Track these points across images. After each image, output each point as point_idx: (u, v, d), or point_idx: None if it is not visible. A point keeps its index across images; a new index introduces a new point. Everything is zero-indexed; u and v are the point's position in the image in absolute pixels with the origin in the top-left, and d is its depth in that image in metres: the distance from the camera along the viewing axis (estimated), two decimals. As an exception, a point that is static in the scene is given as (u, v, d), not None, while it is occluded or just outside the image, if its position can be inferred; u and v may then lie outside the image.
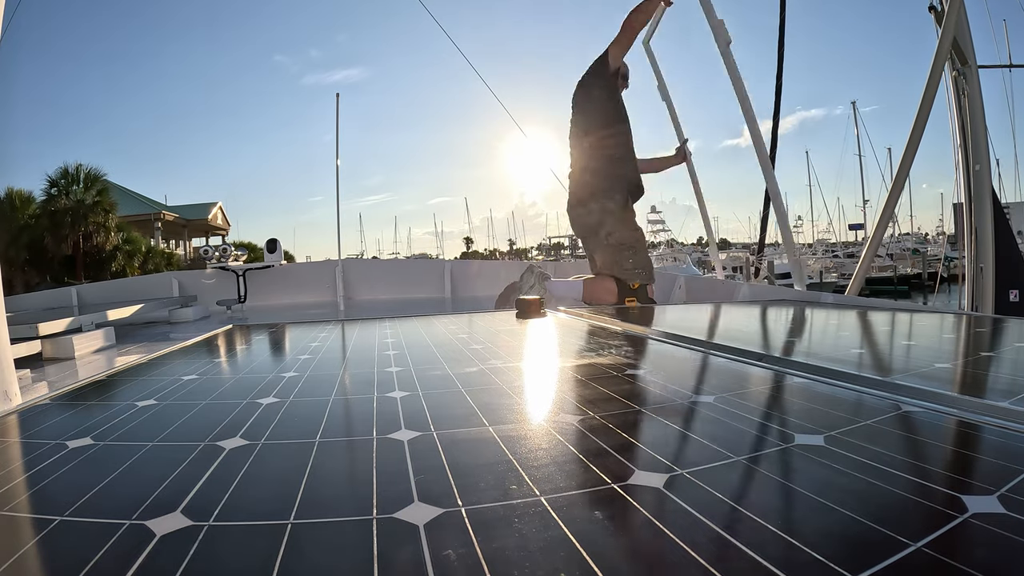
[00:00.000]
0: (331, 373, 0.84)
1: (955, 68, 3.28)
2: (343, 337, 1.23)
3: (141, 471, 0.42)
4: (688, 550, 0.28)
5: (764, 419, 0.51)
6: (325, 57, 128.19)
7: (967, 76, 3.25)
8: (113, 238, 14.25)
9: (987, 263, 3.27)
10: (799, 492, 0.36)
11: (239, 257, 4.56)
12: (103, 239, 14.01)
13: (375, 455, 0.44)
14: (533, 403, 0.61)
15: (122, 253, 14.53)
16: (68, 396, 0.70)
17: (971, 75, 3.24)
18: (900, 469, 0.38)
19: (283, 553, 0.29)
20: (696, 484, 0.36)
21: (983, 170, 3.27)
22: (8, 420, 0.59)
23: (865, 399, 0.56)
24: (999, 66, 8.73)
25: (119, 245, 14.45)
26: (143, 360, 0.98)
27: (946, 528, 0.29)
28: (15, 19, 3.28)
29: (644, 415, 0.54)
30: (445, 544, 0.29)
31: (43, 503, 0.37)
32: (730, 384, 0.65)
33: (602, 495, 0.35)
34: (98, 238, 13.94)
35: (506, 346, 1.01)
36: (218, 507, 0.35)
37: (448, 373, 0.77)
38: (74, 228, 13.54)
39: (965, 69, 3.24)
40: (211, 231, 22.19)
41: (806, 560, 0.27)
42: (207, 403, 0.62)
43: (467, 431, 0.49)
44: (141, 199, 19.67)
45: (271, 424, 0.53)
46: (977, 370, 0.75)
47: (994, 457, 0.41)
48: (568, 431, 0.48)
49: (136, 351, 2.39)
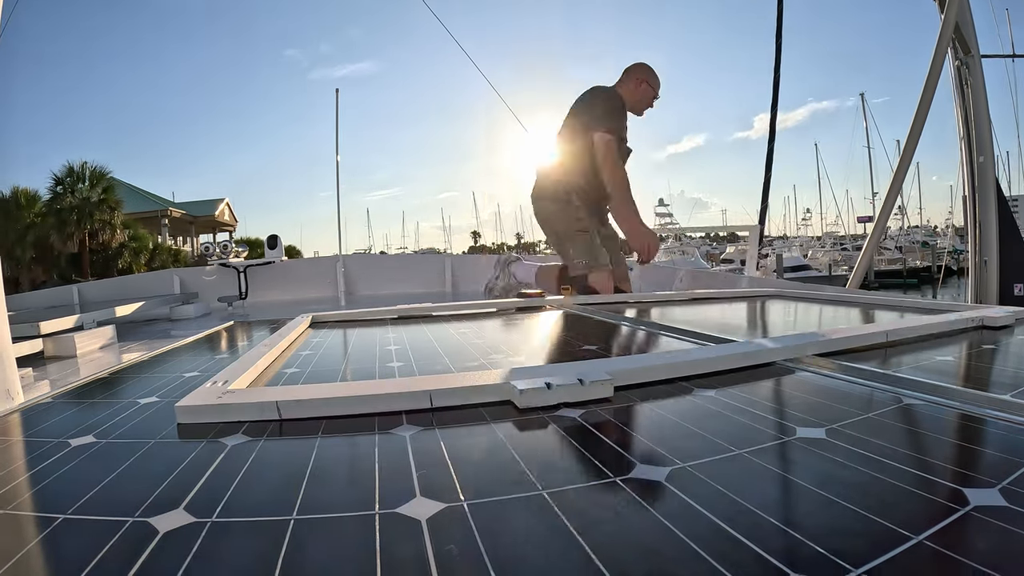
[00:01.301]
0: (333, 368, 0.84)
1: (958, 57, 3.25)
2: (344, 333, 1.23)
3: (143, 469, 0.43)
4: (690, 542, 0.28)
5: (765, 412, 0.51)
6: (335, 51, 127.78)
7: (970, 66, 3.22)
8: (119, 235, 14.31)
9: (991, 256, 3.25)
10: (801, 485, 0.36)
11: (240, 254, 4.57)
12: (109, 236, 14.07)
13: (376, 449, 0.44)
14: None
15: (128, 250, 14.59)
16: (70, 394, 0.70)
17: (974, 65, 3.22)
18: (902, 462, 0.38)
19: (286, 549, 0.29)
20: (697, 477, 0.36)
21: (987, 162, 3.25)
22: (10, 419, 0.59)
23: (866, 392, 0.56)
24: (1002, 56, 8.67)
25: (125, 242, 14.51)
26: (145, 358, 0.98)
27: (948, 521, 0.29)
28: (18, 16, 3.27)
29: (642, 408, 0.54)
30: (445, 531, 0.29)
31: (46, 501, 0.37)
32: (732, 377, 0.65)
33: (604, 487, 0.35)
34: (104, 235, 13.99)
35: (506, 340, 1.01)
36: (221, 504, 0.35)
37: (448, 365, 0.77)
38: (80, 226, 13.60)
39: (968, 59, 3.22)
40: (218, 227, 22.20)
41: (809, 553, 0.27)
42: (209, 400, 0.62)
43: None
44: (148, 196, 19.68)
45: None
46: (979, 363, 0.75)
47: (996, 450, 0.41)
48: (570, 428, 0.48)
49: (137, 348, 2.40)
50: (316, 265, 4.72)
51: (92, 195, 13.89)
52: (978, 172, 3.25)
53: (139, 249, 14.98)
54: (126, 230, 14.61)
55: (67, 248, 13.62)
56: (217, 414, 0.53)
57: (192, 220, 20.79)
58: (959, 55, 3.21)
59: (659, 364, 0.63)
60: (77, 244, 13.68)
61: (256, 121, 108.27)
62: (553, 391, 0.54)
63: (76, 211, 13.58)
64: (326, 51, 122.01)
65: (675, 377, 0.63)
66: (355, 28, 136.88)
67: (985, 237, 3.24)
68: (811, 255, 27.53)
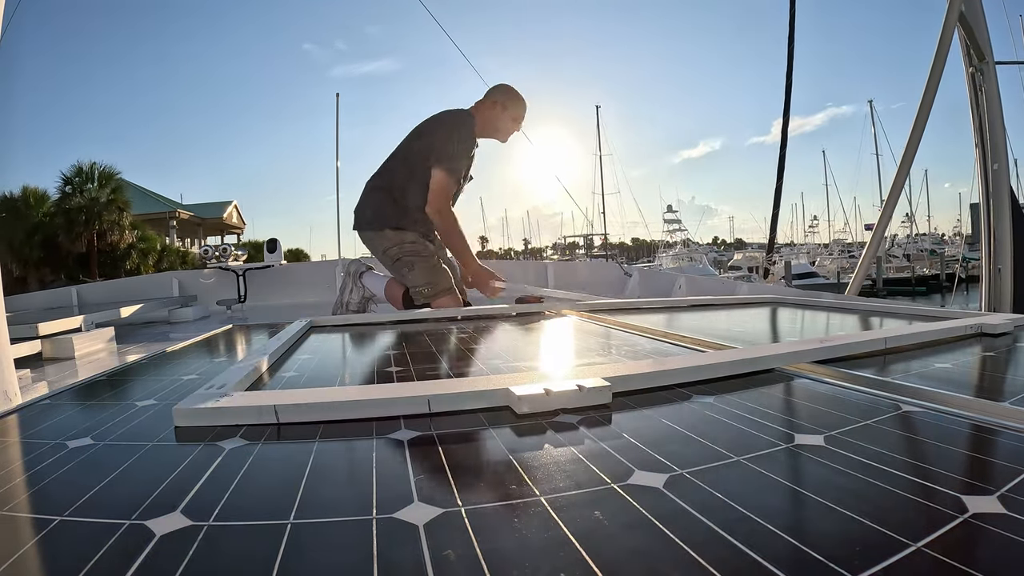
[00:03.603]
0: (331, 373, 0.84)
1: (972, 64, 3.24)
2: (343, 337, 1.23)
3: (141, 471, 0.42)
4: (688, 549, 0.28)
5: (764, 419, 0.51)
6: (352, 51, 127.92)
7: (984, 72, 3.22)
8: (127, 236, 14.33)
9: (1005, 264, 3.22)
10: (800, 492, 0.36)
11: (239, 257, 4.57)
12: (117, 237, 14.08)
13: (375, 450, 0.44)
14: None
15: (136, 251, 14.60)
16: (68, 396, 0.70)
17: (988, 71, 3.21)
18: (900, 469, 0.38)
19: (283, 552, 0.29)
20: (696, 484, 0.36)
21: (1001, 169, 3.23)
22: (8, 420, 0.59)
23: (865, 399, 0.56)
24: (1016, 62, 8.66)
25: (134, 243, 14.52)
26: (143, 360, 0.98)
27: (946, 528, 0.29)
28: (24, 14, 3.28)
29: (641, 415, 0.54)
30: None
31: (43, 503, 0.37)
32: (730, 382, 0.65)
33: (602, 494, 0.35)
34: (112, 236, 14.00)
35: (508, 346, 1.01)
36: (218, 507, 0.35)
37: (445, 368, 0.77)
38: (88, 226, 13.61)
39: (982, 65, 3.21)
40: (226, 230, 22.24)
41: (807, 560, 0.27)
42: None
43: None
44: (156, 198, 19.72)
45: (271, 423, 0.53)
46: (978, 370, 0.75)
47: (995, 457, 0.41)
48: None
49: (136, 351, 2.39)
50: (315, 269, 4.72)
51: (101, 195, 13.92)
52: (992, 179, 3.23)
53: (147, 250, 15.00)
54: (135, 231, 14.61)
55: (75, 248, 13.63)
56: (215, 417, 0.53)
57: (200, 222, 20.82)
58: (973, 62, 3.19)
59: (657, 370, 0.63)
60: (85, 244, 13.69)
61: (264, 125, 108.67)
62: (551, 397, 0.54)
63: (85, 211, 13.61)
64: (342, 48, 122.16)
65: (673, 383, 0.63)
66: (373, 26, 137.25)
67: (999, 245, 3.22)
68: (819, 263, 27.58)
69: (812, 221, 51.51)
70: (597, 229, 45.26)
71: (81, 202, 13.66)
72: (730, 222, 75.41)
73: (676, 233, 46.77)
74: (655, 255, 37.58)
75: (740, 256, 30.69)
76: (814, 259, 28.87)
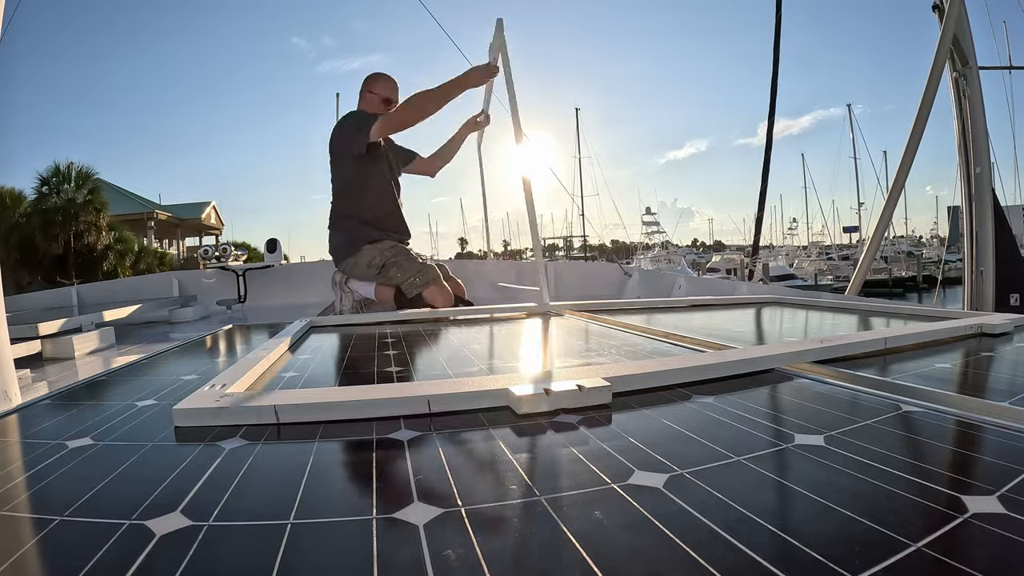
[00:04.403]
0: (331, 373, 0.84)
1: (955, 69, 3.27)
2: (342, 337, 1.23)
3: (141, 471, 0.42)
4: (688, 548, 0.28)
5: (763, 419, 0.51)
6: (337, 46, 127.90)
7: (967, 77, 3.24)
8: (105, 237, 14.14)
9: (987, 266, 3.26)
10: (799, 492, 0.35)
11: (239, 257, 4.57)
12: (94, 238, 13.90)
13: (375, 447, 0.44)
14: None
15: (114, 252, 14.40)
16: (68, 396, 0.70)
17: (971, 76, 3.23)
18: (900, 469, 0.38)
19: (283, 552, 0.29)
20: (696, 484, 0.36)
21: (984, 172, 3.26)
22: (8, 420, 0.59)
23: (865, 399, 0.56)
24: (999, 68, 8.68)
25: (111, 244, 14.34)
26: (143, 360, 0.98)
27: (946, 528, 0.29)
28: (16, 15, 3.28)
29: (641, 415, 0.54)
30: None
31: (43, 503, 0.37)
32: (729, 383, 0.65)
33: (602, 493, 0.35)
34: (89, 237, 13.82)
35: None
36: (217, 507, 0.35)
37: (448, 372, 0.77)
38: (65, 227, 13.42)
39: (965, 70, 3.24)
40: (204, 231, 22.17)
41: (807, 560, 0.27)
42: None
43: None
44: (134, 198, 19.58)
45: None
46: (978, 370, 0.75)
47: (994, 457, 0.41)
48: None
49: (136, 351, 2.39)
50: (315, 269, 4.72)
51: (78, 196, 13.72)
52: (975, 183, 3.26)
53: (125, 251, 14.81)
54: (112, 232, 14.46)
55: (52, 250, 13.46)
56: (215, 417, 0.53)
57: (178, 223, 20.70)
58: (957, 67, 3.22)
59: (657, 370, 0.63)
60: (62, 245, 13.52)
61: (244, 124, 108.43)
62: (552, 397, 0.54)
63: (61, 212, 13.39)
64: (329, 44, 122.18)
65: (673, 383, 0.63)
66: (359, 20, 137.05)
67: (982, 247, 3.25)
68: (796, 264, 27.61)
69: (791, 224, 51.55)
70: (577, 231, 45.36)
71: (58, 203, 13.43)
72: (709, 224, 75.43)
73: (655, 235, 46.83)
74: (632, 257, 37.52)
75: (719, 258, 30.74)
76: (792, 261, 28.90)
